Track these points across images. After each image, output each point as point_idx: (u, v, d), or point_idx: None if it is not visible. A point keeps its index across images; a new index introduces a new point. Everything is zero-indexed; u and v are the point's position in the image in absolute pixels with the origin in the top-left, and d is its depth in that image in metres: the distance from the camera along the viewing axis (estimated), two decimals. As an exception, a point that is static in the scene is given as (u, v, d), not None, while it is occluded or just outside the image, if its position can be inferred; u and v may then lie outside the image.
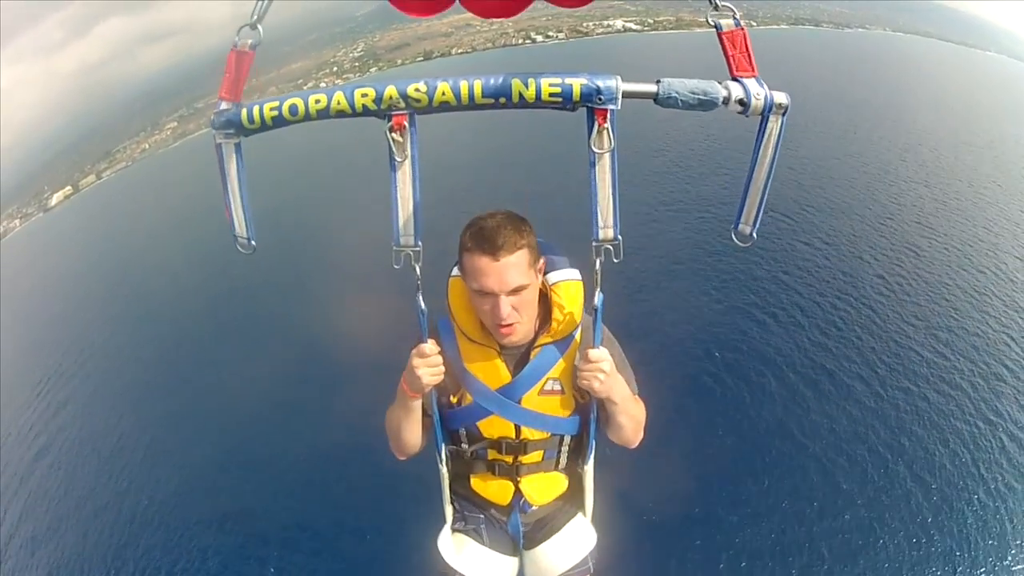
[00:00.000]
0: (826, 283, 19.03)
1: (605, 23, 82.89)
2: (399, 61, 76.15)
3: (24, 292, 35.54)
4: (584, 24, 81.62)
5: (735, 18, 2.06)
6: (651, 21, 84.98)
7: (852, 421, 14.10)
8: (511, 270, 2.36)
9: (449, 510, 3.08)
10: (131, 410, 18.25)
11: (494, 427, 2.78)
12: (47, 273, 39.81)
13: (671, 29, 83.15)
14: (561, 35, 78.14)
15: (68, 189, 65.50)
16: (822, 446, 13.58)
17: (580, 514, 3.12)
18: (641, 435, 2.86)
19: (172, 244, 32.38)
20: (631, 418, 2.73)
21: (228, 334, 21.23)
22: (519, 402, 2.69)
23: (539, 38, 77.09)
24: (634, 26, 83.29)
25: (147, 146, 71.51)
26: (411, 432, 2.77)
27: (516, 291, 2.41)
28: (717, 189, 25.64)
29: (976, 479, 12.69)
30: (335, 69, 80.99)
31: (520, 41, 75.50)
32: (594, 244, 2.24)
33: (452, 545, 3.04)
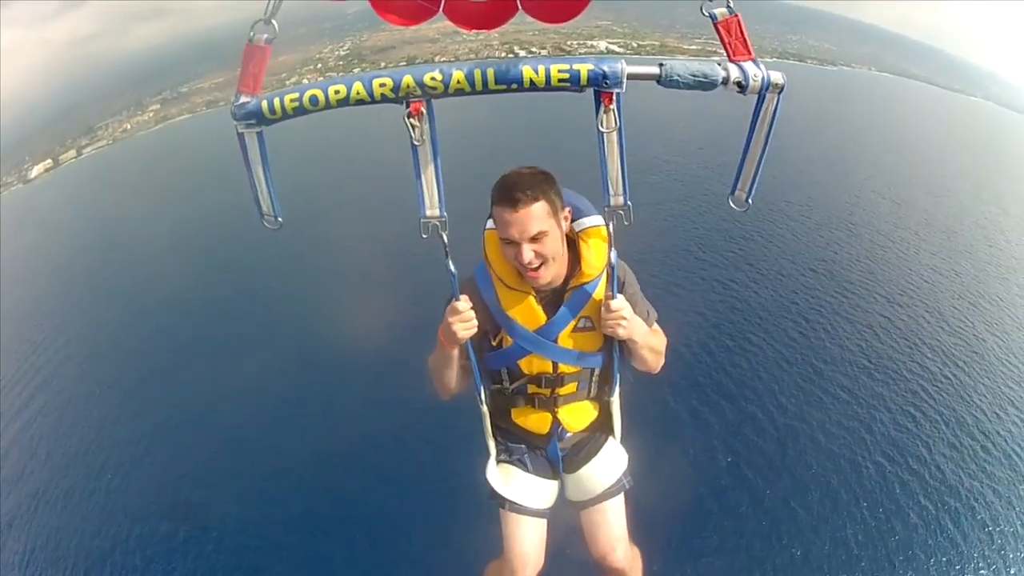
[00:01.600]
0: (744, 318, 19.26)
1: (589, 43, 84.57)
2: (382, 64, 76.49)
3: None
4: (568, 43, 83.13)
5: (728, 6, 2.19)
6: (635, 45, 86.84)
7: (748, 448, 14.12)
8: (530, 219, 2.65)
9: (492, 444, 3.41)
10: (107, 391, 18.44)
11: (533, 365, 3.09)
12: (25, 245, 38.77)
13: (655, 54, 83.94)
14: (544, 51, 78.92)
15: (48, 162, 65.01)
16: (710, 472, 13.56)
17: (611, 438, 3.47)
18: (662, 362, 3.22)
19: (153, 226, 32.13)
20: (651, 350, 3.11)
21: (208, 321, 21.52)
22: (555, 341, 3.00)
23: (522, 52, 77.76)
24: (617, 49, 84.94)
25: (129, 126, 71.24)
26: (451, 377, 3.13)
27: (536, 238, 2.69)
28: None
29: (862, 516, 12.59)
30: (319, 66, 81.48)
31: (503, 54, 76.00)
32: (606, 209, 2.57)
33: (499, 475, 3.39)
